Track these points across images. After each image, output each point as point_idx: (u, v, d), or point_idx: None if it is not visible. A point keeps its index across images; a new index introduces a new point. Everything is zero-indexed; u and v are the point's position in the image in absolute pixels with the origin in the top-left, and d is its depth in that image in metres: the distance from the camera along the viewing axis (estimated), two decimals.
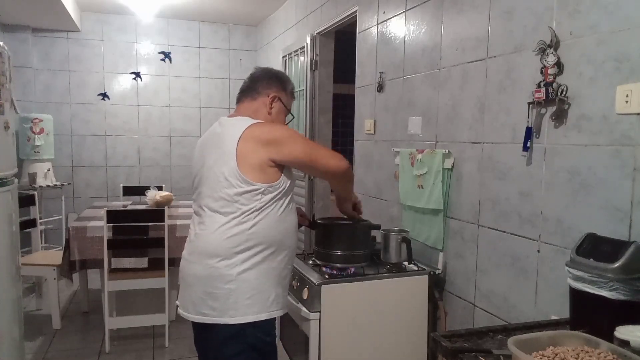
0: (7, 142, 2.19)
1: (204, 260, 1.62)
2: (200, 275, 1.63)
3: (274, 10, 5.20)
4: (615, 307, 1.27)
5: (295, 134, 1.73)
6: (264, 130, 1.66)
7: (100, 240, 3.18)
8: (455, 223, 2.31)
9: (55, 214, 5.20)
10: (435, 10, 2.45)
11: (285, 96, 1.85)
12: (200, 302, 1.62)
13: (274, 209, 1.65)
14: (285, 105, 1.86)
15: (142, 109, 5.70)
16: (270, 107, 1.81)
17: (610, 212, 1.54)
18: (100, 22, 5.45)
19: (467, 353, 1.24)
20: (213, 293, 1.60)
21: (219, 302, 1.59)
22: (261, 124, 1.69)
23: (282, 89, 1.85)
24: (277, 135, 1.65)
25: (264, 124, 1.70)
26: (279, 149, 1.63)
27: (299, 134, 1.79)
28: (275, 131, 1.67)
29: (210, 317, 1.60)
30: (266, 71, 1.88)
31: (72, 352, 3.17)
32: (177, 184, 5.78)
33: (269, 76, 1.85)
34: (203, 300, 1.62)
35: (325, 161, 1.69)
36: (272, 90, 1.82)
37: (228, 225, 1.61)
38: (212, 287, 1.60)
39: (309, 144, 1.72)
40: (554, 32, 1.72)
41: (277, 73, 1.89)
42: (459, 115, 2.27)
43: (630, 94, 1.47)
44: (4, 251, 2.14)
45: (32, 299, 3.99)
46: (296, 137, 1.70)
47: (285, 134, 1.67)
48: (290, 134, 1.69)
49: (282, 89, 1.85)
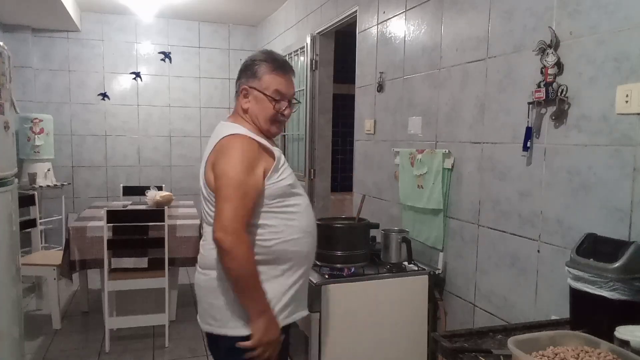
0: (7, 142, 2.19)
1: (204, 271, 1.59)
2: (202, 286, 1.60)
3: (274, 10, 5.20)
4: (615, 307, 1.27)
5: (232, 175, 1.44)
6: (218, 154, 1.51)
7: (100, 240, 3.18)
8: (455, 223, 2.31)
9: (55, 214, 5.19)
10: (435, 10, 2.45)
11: (259, 82, 1.58)
12: (204, 312, 1.60)
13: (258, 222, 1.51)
14: (263, 92, 1.58)
15: (142, 109, 5.70)
16: (245, 102, 1.60)
17: (610, 212, 1.54)
18: (100, 22, 5.45)
19: (467, 353, 1.24)
20: (213, 304, 1.55)
21: (220, 313, 1.54)
22: (225, 143, 1.50)
23: (252, 76, 1.59)
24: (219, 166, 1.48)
25: (225, 146, 1.50)
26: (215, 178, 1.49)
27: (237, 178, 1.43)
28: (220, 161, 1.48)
29: (213, 327, 1.57)
30: (243, 63, 1.66)
31: (72, 352, 3.17)
32: (177, 184, 5.78)
33: (239, 70, 1.65)
34: (206, 311, 1.59)
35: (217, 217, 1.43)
36: (242, 82, 1.62)
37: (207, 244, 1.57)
38: (213, 298, 1.56)
39: (227, 194, 1.42)
40: (554, 32, 1.72)
41: (247, 60, 1.64)
42: (459, 115, 2.27)
43: (630, 94, 1.47)
44: (4, 251, 2.14)
45: (32, 299, 3.99)
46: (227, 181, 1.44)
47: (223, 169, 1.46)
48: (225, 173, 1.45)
49: (253, 75, 1.59)
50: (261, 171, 1.50)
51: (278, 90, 1.59)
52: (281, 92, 1.60)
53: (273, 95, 1.58)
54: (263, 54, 1.63)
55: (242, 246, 1.41)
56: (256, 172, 1.49)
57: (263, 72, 1.58)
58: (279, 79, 1.59)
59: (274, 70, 1.59)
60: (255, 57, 1.62)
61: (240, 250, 1.41)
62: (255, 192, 1.48)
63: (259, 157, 1.51)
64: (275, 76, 1.59)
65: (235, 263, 1.42)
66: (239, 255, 1.41)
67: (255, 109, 1.59)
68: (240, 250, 1.41)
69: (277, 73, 1.59)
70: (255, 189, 1.48)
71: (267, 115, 1.59)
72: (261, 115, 1.59)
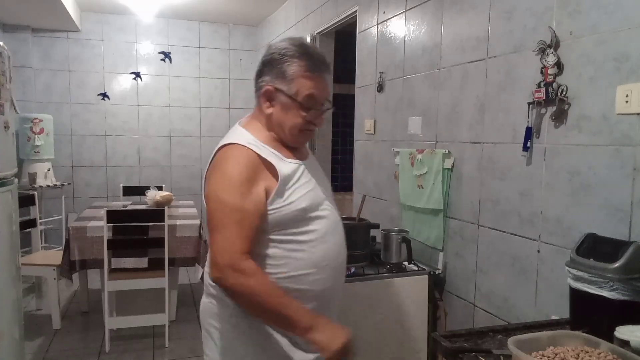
0: (7, 142, 2.19)
1: (205, 291, 1.40)
2: (201, 309, 1.41)
3: (274, 10, 5.20)
4: (615, 307, 1.27)
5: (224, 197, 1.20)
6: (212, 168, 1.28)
7: (100, 240, 3.18)
8: (455, 223, 2.31)
9: (55, 214, 5.19)
10: (435, 10, 2.45)
11: (288, 84, 1.27)
12: (204, 338, 1.40)
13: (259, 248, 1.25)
14: (293, 97, 1.27)
15: (142, 109, 5.70)
16: (267, 107, 1.32)
17: (610, 212, 1.54)
18: (100, 22, 5.45)
19: (467, 353, 1.24)
20: (209, 331, 1.37)
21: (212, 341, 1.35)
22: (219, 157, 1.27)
23: (279, 75, 1.28)
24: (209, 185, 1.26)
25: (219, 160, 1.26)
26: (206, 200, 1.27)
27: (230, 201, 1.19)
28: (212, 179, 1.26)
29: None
30: (266, 53, 1.35)
31: (72, 352, 3.16)
32: (177, 184, 5.78)
33: (262, 62, 1.34)
34: (204, 337, 1.40)
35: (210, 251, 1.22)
36: (265, 80, 1.31)
37: None
38: (207, 324, 1.37)
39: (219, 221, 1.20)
40: (554, 32, 1.72)
41: (273, 51, 1.32)
42: (459, 115, 2.27)
43: (630, 94, 1.47)
44: (4, 251, 2.14)
45: (32, 299, 3.99)
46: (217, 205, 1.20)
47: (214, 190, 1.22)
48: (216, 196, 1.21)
49: (280, 75, 1.28)
50: (262, 190, 1.24)
51: (311, 95, 1.29)
52: (314, 98, 1.30)
53: (304, 102, 1.28)
54: (295, 48, 1.29)
55: (243, 279, 1.16)
56: (255, 191, 1.22)
57: (294, 72, 1.27)
58: (314, 82, 1.29)
59: (307, 71, 1.28)
60: (286, 51, 1.29)
61: (244, 284, 1.16)
62: (255, 216, 1.22)
63: (258, 173, 1.24)
64: (309, 79, 1.28)
65: (245, 299, 1.19)
66: (245, 291, 1.17)
67: (280, 117, 1.30)
68: (244, 285, 1.16)
69: (312, 74, 1.29)
70: (255, 212, 1.22)
71: (294, 125, 1.30)
72: (287, 125, 1.30)
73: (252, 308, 1.21)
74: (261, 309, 1.19)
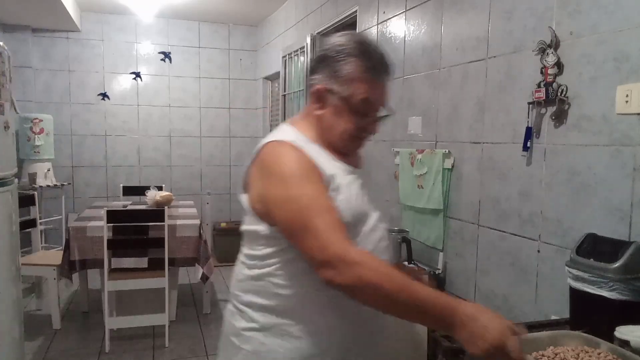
0: (7, 142, 2.19)
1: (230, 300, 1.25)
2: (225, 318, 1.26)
3: (274, 10, 5.20)
4: (615, 307, 1.27)
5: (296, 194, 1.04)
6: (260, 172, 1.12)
7: (100, 240, 3.18)
8: (455, 223, 2.31)
9: (55, 214, 5.19)
10: (435, 10, 2.45)
11: (342, 85, 1.13)
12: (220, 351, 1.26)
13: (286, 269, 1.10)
14: (346, 100, 1.13)
15: (142, 109, 5.70)
16: (317, 108, 1.17)
17: (610, 212, 1.54)
18: (100, 22, 5.45)
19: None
20: (224, 344, 1.23)
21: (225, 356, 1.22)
22: (266, 158, 1.11)
23: (334, 74, 1.13)
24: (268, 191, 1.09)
25: (267, 161, 1.11)
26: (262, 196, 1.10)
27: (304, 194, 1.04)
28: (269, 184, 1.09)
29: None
30: (323, 48, 1.19)
31: (72, 352, 3.16)
32: (177, 184, 5.78)
33: (316, 58, 1.20)
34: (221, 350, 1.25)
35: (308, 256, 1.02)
36: (317, 79, 1.16)
37: (240, 266, 1.21)
38: (224, 336, 1.23)
39: (303, 221, 1.01)
40: (554, 32, 1.72)
41: (330, 46, 1.16)
42: (459, 115, 2.27)
43: (630, 94, 1.47)
44: (4, 251, 2.14)
45: (32, 299, 3.98)
46: (292, 206, 1.03)
47: (280, 195, 1.05)
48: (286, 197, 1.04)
49: (335, 74, 1.13)
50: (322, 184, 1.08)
51: (367, 100, 1.13)
52: (370, 103, 1.15)
53: (359, 107, 1.14)
54: (355, 45, 1.14)
55: (361, 269, 0.95)
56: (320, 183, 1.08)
57: (351, 71, 1.12)
58: (371, 85, 1.13)
59: (366, 72, 1.13)
60: (344, 47, 1.14)
61: (364, 275, 0.95)
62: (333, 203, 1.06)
63: (309, 169, 1.08)
64: (365, 81, 1.13)
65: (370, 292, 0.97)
66: (369, 283, 0.96)
67: (331, 121, 1.16)
68: (365, 276, 0.95)
69: (370, 76, 1.13)
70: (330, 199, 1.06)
71: (345, 132, 1.16)
72: (337, 130, 1.16)
73: (378, 303, 1.01)
74: (390, 302, 0.98)
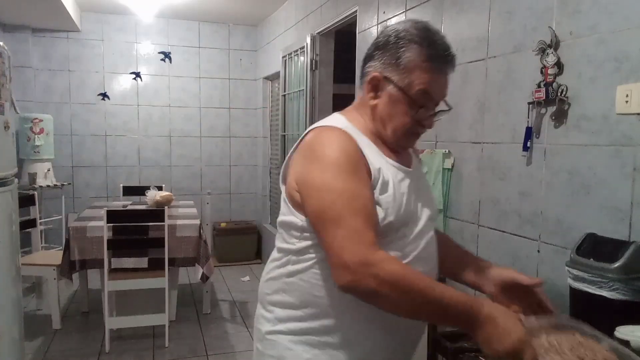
0: (7, 142, 2.19)
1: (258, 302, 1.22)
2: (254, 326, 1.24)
3: (274, 10, 5.20)
4: (615, 307, 1.27)
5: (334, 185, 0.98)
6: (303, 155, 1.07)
7: (100, 240, 3.18)
8: (455, 223, 2.31)
9: (55, 214, 5.19)
10: (435, 10, 2.45)
11: (400, 73, 1.06)
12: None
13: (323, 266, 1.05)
14: (403, 90, 1.06)
15: (142, 109, 5.70)
16: (372, 97, 1.11)
17: (610, 212, 1.54)
18: (100, 22, 5.45)
19: (467, 353, 1.25)
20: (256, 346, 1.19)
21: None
22: (311, 140, 1.06)
23: (392, 61, 1.07)
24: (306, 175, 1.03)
25: (312, 144, 1.05)
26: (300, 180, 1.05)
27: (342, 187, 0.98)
28: (308, 167, 1.03)
29: None
30: (381, 34, 1.14)
31: (72, 352, 3.17)
32: (177, 184, 5.78)
33: (374, 44, 1.14)
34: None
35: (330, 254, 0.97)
36: (374, 66, 1.11)
37: (272, 263, 1.16)
38: (255, 340, 1.20)
39: (334, 214, 0.96)
40: (554, 32, 1.72)
41: (389, 31, 1.10)
42: (459, 115, 2.27)
43: (630, 94, 1.47)
44: (4, 251, 2.14)
45: (32, 299, 3.99)
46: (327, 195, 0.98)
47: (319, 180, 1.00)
48: (323, 184, 0.99)
49: (393, 61, 1.07)
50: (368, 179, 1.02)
51: (425, 91, 1.07)
52: (429, 95, 1.08)
53: (416, 98, 1.07)
54: (417, 32, 1.07)
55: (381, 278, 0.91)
56: (364, 175, 1.02)
57: (410, 59, 1.05)
58: (431, 75, 1.06)
59: (427, 60, 1.06)
60: (405, 33, 1.08)
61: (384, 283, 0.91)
62: (374, 202, 1.01)
63: (358, 160, 1.02)
64: (426, 70, 1.06)
65: (390, 301, 0.94)
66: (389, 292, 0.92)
67: (385, 112, 1.09)
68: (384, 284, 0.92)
69: (431, 65, 1.06)
70: (373, 197, 1.01)
71: (399, 125, 1.09)
72: (391, 123, 1.09)
73: (398, 310, 0.97)
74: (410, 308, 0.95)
